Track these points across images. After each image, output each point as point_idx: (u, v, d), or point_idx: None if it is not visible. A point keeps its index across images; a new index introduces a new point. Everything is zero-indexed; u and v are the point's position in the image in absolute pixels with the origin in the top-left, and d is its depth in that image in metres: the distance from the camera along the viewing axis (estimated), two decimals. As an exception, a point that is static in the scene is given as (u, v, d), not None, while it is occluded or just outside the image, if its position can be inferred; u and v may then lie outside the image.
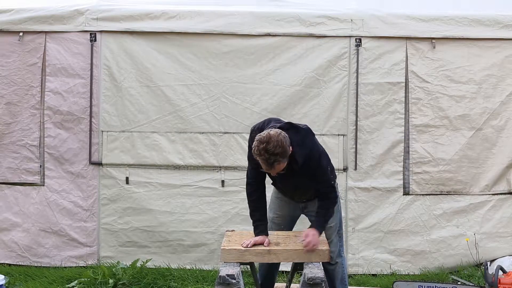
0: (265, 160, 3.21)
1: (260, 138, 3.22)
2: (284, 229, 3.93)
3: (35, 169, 5.21)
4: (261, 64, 5.14)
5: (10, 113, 5.20)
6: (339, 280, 4.00)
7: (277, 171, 3.32)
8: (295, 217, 4.01)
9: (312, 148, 3.48)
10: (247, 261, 3.45)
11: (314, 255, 3.45)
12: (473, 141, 5.17)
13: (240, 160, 5.11)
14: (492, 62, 5.16)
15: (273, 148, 3.17)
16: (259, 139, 3.22)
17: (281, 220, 3.94)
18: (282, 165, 3.28)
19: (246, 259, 3.43)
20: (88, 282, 4.64)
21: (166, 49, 5.15)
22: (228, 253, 3.44)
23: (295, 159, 3.36)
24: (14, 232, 5.21)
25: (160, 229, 5.18)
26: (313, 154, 3.46)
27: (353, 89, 5.14)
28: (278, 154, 3.19)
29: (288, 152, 3.26)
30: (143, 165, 5.18)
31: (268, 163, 3.23)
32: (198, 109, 5.15)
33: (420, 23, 5.11)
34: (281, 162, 3.25)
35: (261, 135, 3.24)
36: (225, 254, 3.44)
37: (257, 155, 3.23)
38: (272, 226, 3.93)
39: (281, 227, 3.94)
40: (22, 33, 5.13)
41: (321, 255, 3.46)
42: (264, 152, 3.18)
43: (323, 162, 3.54)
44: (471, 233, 5.16)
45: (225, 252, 3.44)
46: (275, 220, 3.93)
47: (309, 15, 5.12)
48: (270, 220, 3.87)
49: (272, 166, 3.24)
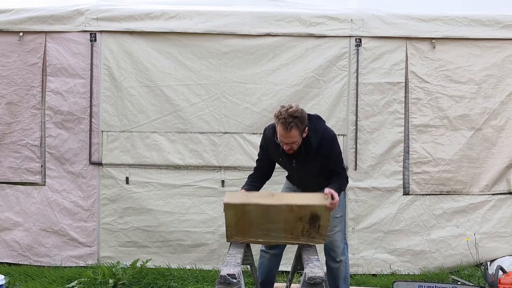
0: (284, 122, 3.47)
1: (283, 104, 3.59)
2: None
3: (36, 169, 5.21)
4: (261, 64, 5.14)
5: (11, 113, 5.21)
6: (342, 279, 4.01)
7: (290, 140, 3.52)
8: None
9: (324, 133, 3.73)
10: (252, 202, 3.40)
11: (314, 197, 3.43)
12: (473, 141, 5.18)
13: (240, 160, 5.12)
14: (492, 62, 5.16)
15: (293, 111, 3.48)
16: (282, 105, 3.58)
17: None
18: (296, 134, 3.51)
19: (250, 201, 3.41)
20: (88, 282, 4.64)
21: (166, 49, 5.15)
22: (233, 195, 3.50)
23: (310, 144, 3.63)
24: (16, 231, 5.22)
25: (160, 229, 5.18)
26: (325, 138, 3.71)
27: (353, 89, 5.14)
28: (297, 117, 3.48)
29: (304, 125, 3.55)
30: (143, 165, 5.18)
31: (285, 125, 3.46)
32: (198, 109, 5.16)
33: (420, 23, 5.11)
34: (297, 128, 3.49)
35: (285, 104, 3.59)
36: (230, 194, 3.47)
37: (277, 117, 3.51)
38: None
39: None
40: (22, 33, 5.13)
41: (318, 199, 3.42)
42: (284, 113, 3.48)
43: (335, 145, 3.78)
44: (471, 233, 5.16)
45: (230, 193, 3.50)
46: None
47: (309, 15, 5.13)
48: None
49: (289, 129, 3.47)
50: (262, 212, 3.40)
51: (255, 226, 3.47)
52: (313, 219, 3.44)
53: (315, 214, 3.40)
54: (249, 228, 3.49)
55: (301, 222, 3.44)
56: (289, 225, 3.45)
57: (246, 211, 3.40)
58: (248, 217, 3.43)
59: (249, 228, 3.49)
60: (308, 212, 3.40)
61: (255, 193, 3.63)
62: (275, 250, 3.99)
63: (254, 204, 3.39)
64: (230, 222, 3.48)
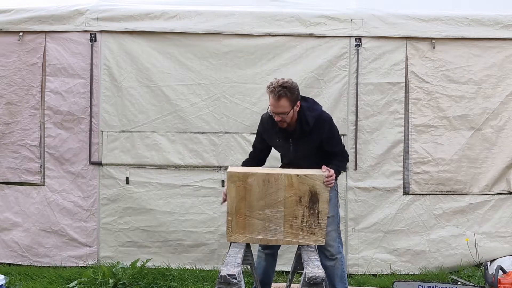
0: (273, 91, 3.60)
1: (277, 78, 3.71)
2: None
3: (36, 169, 5.21)
4: (261, 64, 5.14)
5: (10, 113, 5.21)
6: (338, 277, 4.01)
7: (280, 109, 3.62)
8: None
9: (322, 113, 3.82)
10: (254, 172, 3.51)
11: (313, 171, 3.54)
12: (472, 141, 5.18)
13: (240, 160, 5.06)
14: (492, 62, 5.16)
15: (283, 82, 3.61)
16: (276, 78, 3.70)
17: None
18: (286, 104, 3.60)
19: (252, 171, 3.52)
20: (88, 282, 4.64)
21: (166, 49, 5.15)
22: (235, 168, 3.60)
23: (307, 121, 3.72)
24: (15, 231, 5.22)
25: (160, 229, 5.18)
26: (323, 117, 3.80)
27: (353, 89, 5.14)
28: (286, 87, 3.60)
29: (295, 96, 3.64)
30: (143, 165, 5.18)
31: (274, 93, 3.59)
32: (198, 109, 5.16)
33: (420, 23, 5.12)
34: (286, 98, 3.59)
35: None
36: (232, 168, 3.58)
37: (268, 88, 3.64)
38: None
39: None
40: (22, 33, 5.13)
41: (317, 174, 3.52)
42: (275, 83, 3.62)
43: (333, 126, 3.85)
44: (471, 233, 5.16)
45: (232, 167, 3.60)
46: None
47: (309, 15, 5.13)
48: None
49: (278, 97, 3.58)
50: (263, 186, 3.48)
51: (256, 209, 3.50)
52: (313, 201, 3.50)
53: (314, 191, 3.49)
54: (250, 214, 3.51)
55: (301, 206, 3.50)
56: (288, 211, 3.50)
57: (248, 186, 3.48)
58: (249, 196, 3.49)
59: (250, 213, 3.51)
60: (307, 188, 3.48)
61: (256, 168, 3.75)
62: (269, 250, 4.03)
63: (256, 174, 3.49)
64: (231, 202, 3.51)
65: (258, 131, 4.02)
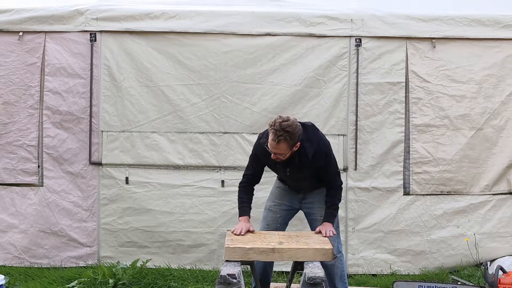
0: (274, 133, 3.53)
1: (281, 115, 3.62)
2: (280, 219, 4.03)
3: (33, 170, 5.19)
4: (261, 64, 5.14)
5: (7, 113, 5.18)
6: (338, 277, 4.02)
7: (278, 151, 3.59)
8: (292, 209, 4.11)
9: (319, 143, 3.80)
10: (251, 259, 3.45)
11: (318, 253, 3.45)
12: (473, 141, 5.17)
13: (240, 160, 5.11)
14: (493, 62, 5.16)
15: (286, 125, 3.52)
16: (280, 116, 3.61)
17: (278, 208, 4.07)
18: (284, 148, 3.57)
19: (250, 257, 3.43)
20: (88, 282, 4.63)
21: (166, 49, 5.14)
22: (232, 251, 3.44)
23: (305, 153, 3.70)
24: (11, 233, 5.17)
25: (160, 229, 5.17)
26: (320, 148, 3.78)
27: (353, 89, 5.13)
28: (288, 132, 3.52)
29: (295, 140, 3.59)
30: (143, 165, 5.17)
31: (275, 136, 3.52)
32: (198, 109, 5.15)
33: (420, 23, 5.11)
34: (286, 143, 3.54)
35: (283, 116, 3.62)
36: (229, 252, 3.43)
37: (270, 126, 3.56)
38: (268, 214, 4.05)
39: (277, 216, 4.03)
40: (21, 33, 5.12)
41: (325, 254, 3.46)
42: (278, 125, 3.52)
43: (330, 154, 3.86)
44: (471, 233, 5.16)
45: (230, 251, 3.44)
46: (272, 208, 4.08)
47: (309, 15, 5.12)
48: (267, 209, 4.09)
49: (277, 141, 3.53)
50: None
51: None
52: None
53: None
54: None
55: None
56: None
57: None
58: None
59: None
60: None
61: (255, 248, 3.47)
62: None
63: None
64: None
65: (254, 154, 3.94)
